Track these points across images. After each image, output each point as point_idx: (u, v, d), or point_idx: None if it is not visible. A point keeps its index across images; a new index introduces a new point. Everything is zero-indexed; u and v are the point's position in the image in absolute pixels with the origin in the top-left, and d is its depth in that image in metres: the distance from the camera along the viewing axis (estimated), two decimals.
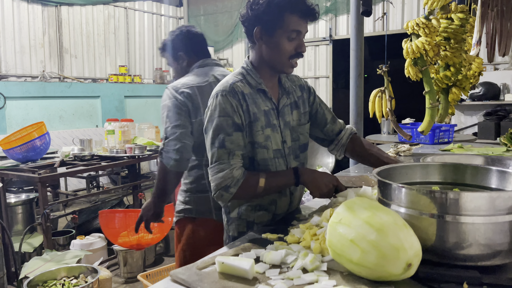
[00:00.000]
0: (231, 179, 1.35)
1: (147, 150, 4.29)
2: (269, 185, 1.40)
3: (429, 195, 0.97)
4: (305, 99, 1.61)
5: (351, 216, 0.97)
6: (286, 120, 1.53)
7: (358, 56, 3.21)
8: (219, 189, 1.36)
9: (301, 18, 1.39)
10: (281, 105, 1.52)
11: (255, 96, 1.45)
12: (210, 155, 1.40)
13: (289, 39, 1.39)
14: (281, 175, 1.45)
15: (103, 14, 6.74)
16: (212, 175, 1.38)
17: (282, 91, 1.54)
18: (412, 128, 3.41)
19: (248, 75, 1.47)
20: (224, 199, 1.38)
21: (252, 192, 1.41)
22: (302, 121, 1.59)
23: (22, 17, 5.69)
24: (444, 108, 3.18)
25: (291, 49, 1.40)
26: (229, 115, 1.38)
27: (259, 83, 1.47)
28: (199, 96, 1.87)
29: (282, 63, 1.43)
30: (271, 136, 1.46)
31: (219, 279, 0.99)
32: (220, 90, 1.42)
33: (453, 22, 2.88)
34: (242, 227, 1.52)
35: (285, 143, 1.51)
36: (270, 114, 1.48)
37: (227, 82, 1.44)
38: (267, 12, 1.37)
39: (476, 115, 5.24)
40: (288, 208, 1.57)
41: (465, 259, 0.95)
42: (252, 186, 1.39)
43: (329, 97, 6.63)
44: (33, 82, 5.63)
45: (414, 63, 2.81)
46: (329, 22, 6.50)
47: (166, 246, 4.06)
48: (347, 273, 0.99)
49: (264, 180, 1.39)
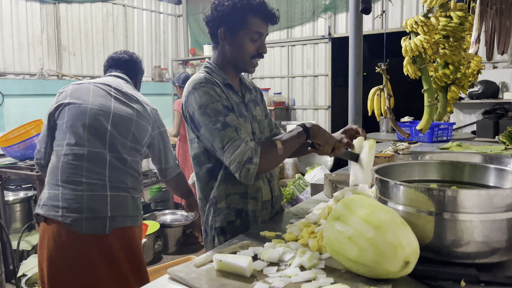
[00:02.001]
0: (250, 150, 1.35)
1: None
2: (287, 144, 1.43)
3: (427, 193, 0.97)
4: (259, 100, 1.73)
5: (349, 214, 0.97)
6: (253, 113, 1.61)
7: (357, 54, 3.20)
8: (243, 165, 1.34)
9: (263, 21, 1.50)
10: (247, 100, 1.62)
11: (225, 89, 1.51)
12: (218, 140, 1.38)
13: (252, 40, 1.49)
14: (292, 134, 1.47)
15: (102, 12, 6.72)
16: (229, 156, 1.36)
17: (244, 88, 1.65)
18: (410, 126, 3.41)
19: (213, 72, 1.54)
20: (250, 173, 1.35)
21: (274, 158, 1.41)
22: (264, 117, 1.70)
23: (20, 14, 5.67)
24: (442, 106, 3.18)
25: (253, 50, 1.51)
26: (217, 100, 1.42)
27: (225, 79, 1.54)
28: None
29: (245, 62, 1.53)
30: (244, 126, 1.51)
31: (216, 276, 0.99)
32: (197, 83, 1.44)
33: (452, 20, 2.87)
34: (232, 216, 1.52)
35: (254, 134, 1.57)
36: (241, 106, 1.55)
37: (198, 76, 1.48)
38: (232, 13, 1.46)
39: (474, 114, 5.24)
40: (271, 196, 1.61)
41: (463, 257, 0.95)
42: (271, 151, 1.40)
43: (328, 95, 6.63)
44: (31, 80, 5.61)
45: (413, 61, 2.81)
46: (328, 20, 6.49)
47: (165, 244, 4.06)
48: (345, 270, 0.99)
49: (280, 142, 1.42)
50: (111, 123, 1.88)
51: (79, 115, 1.86)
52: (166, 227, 4.01)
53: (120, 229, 1.82)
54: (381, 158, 2.14)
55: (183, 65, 7.86)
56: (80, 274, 1.76)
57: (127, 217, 1.85)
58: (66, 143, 1.83)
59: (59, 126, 1.89)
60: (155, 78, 7.48)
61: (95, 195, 1.78)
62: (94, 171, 1.81)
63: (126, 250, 1.85)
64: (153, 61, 7.72)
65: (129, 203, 1.87)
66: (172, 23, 8.11)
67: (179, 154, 4.37)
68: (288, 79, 7.00)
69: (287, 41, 6.91)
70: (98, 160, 1.83)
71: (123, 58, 2.17)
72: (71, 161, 1.80)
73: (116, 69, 2.14)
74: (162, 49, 7.90)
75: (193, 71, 7.75)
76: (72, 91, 1.93)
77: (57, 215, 1.75)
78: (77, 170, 1.79)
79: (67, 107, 1.88)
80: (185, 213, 4.32)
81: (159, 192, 5.56)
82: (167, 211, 4.40)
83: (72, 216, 1.74)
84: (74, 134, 1.83)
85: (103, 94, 1.94)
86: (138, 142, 1.94)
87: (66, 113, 1.87)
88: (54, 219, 1.76)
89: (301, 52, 6.85)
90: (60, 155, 1.83)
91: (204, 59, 7.74)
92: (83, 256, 1.76)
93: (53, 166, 1.84)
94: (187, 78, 4.41)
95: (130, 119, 1.93)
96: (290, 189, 4.02)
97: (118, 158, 1.87)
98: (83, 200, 1.76)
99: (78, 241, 1.76)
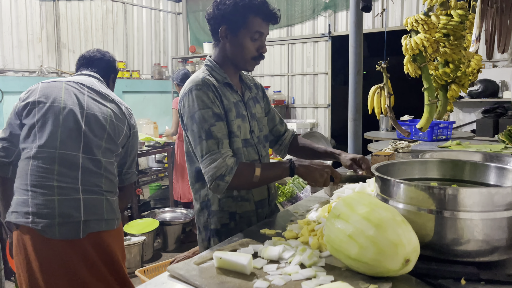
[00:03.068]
0: (225, 168, 1.37)
1: (145, 145, 4.28)
2: (265, 175, 1.44)
3: (428, 191, 0.97)
4: (260, 97, 1.73)
5: (349, 212, 0.97)
6: (252, 111, 1.62)
7: (357, 52, 3.20)
8: (215, 179, 1.37)
9: (264, 21, 1.50)
10: (246, 98, 1.62)
11: (223, 89, 1.52)
12: (199, 148, 1.41)
13: (252, 39, 1.50)
14: (276, 166, 1.49)
15: (101, 9, 6.70)
16: (205, 167, 1.40)
17: (244, 86, 1.65)
18: (410, 125, 3.41)
19: (213, 71, 1.55)
20: (220, 189, 1.39)
21: (247, 182, 1.42)
22: (264, 114, 1.71)
23: (20, 11, 5.65)
24: (442, 105, 3.18)
25: (253, 49, 1.51)
26: (208, 106, 1.43)
27: (225, 78, 1.54)
28: None
29: (245, 61, 1.53)
30: (241, 126, 1.53)
31: (217, 274, 0.99)
32: (193, 85, 1.46)
33: (453, 18, 2.87)
34: (225, 219, 1.53)
35: (253, 132, 1.58)
36: (239, 106, 1.55)
37: (197, 77, 1.49)
38: (233, 12, 1.47)
39: (474, 112, 5.24)
40: (268, 194, 1.61)
41: (463, 255, 0.95)
42: (248, 175, 1.41)
43: (328, 93, 6.62)
44: (31, 77, 5.60)
45: (413, 59, 2.81)
46: (328, 18, 6.48)
47: (164, 242, 4.06)
48: (345, 268, 0.99)
49: (260, 170, 1.42)
50: (86, 122, 1.78)
51: (51, 115, 1.75)
52: (166, 225, 4.01)
53: (95, 233, 1.73)
54: (381, 156, 2.14)
55: (183, 62, 7.85)
56: (61, 282, 1.68)
57: (102, 221, 1.75)
58: (37, 145, 1.71)
59: (27, 126, 1.75)
60: (155, 76, 7.47)
61: (66, 199, 1.68)
62: (66, 175, 1.70)
63: (103, 254, 1.76)
64: (153, 59, 7.70)
65: (104, 206, 1.76)
66: (172, 21, 8.09)
67: (178, 153, 4.37)
68: (288, 77, 6.99)
69: (287, 39, 6.90)
70: (70, 163, 1.72)
71: (96, 56, 2.07)
72: (41, 164, 1.69)
73: (87, 68, 2.04)
74: (162, 47, 7.89)
75: (193, 69, 7.74)
76: (42, 89, 1.81)
77: (28, 221, 1.64)
78: (48, 173, 1.68)
79: (37, 106, 1.76)
80: (185, 210, 4.33)
81: (159, 190, 5.56)
82: (166, 209, 4.39)
83: (43, 222, 1.64)
84: (45, 135, 1.72)
85: (76, 93, 1.83)
86: (114, 142, 1.86)
87: (36, 113, 1.75)
88: (26, 226, 1.65)
89: (301, 50, 6.84)
90: (29, 157, 1.71)
91: (203, 57, 7.73)
92: (61, 262, 1.67)
93: (22, 170, 1.72)
94: (186, 75, 4.40)
95: (105, 119, 1.84)
96: (290, 187, 4.02)
97: (92, 160, 1.77)
98: (54, 205, 1.66)
99: (53, 247, 1.66)
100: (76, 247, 1.69)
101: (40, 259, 1.66)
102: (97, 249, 1.75)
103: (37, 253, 1.66)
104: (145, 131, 4.76)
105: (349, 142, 3.32)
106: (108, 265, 1.79)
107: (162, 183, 6.15)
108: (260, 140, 1.63)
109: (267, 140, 1.69)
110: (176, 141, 4.35)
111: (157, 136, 4.92)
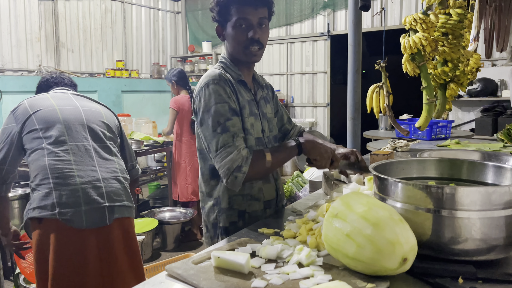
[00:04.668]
0: (241, 159, 1.36)
1: (144, 145, 4.28)
2: (276, 158, 1.43)
3: (425, 190, 0.97)
4: (270, 97, 1.72)
5: (347, 211, 0.97)
6: (263, 111, 1.61)
7: (356, 51, 3.20)
8: (232, 172, 1.36)
9: (246, 5, 1.45)
10: (258, 97, 1.61)
11: (238, 86, 1.51)
12: (214, 142, 1.39)
13: (240, 28, 1.47)
14: (284, 146, 1.47)
15: (100, 8, 6.69)
16: (220, 161, 1.38)
17: (256, 85, 1.64)
18: (409, 123, 3.41)
19: (228, 68, 1.54)
20: (238, 181, 1.37)
21: (262, 169, 1.41)
22: (274, 115, 1.71)
23: (18, 11, 5.64)
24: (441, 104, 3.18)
25: (244, 38, 1.47)
26: (225, 100, 1.42)
27: (239, 75, 1.53)
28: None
29: (242, 53, 1.50)
30: (254, 125, 1.52)
31: (214, 273, 0.99)
32: (210, 80, 1.45)
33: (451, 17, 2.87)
34: (234, 217, 1.52)
35: (264, 132, 1.58)
36: (252, 104, 1.55)
37: (214, 72, 1.48)
38: (218, 9, 1.49)
39: (473, 111, 5.25)
40: (276, 195, 1.61)
41: (461, 254, 0.95)
42: (260, 162, 1.40)
43: (327, 92, 6.62)
44: (30, 77, 5.59)
45: (412, 58, 2.81)
46: (327, 17, 6.47)
47: (163, 241, 4.06)
48: (342, 267, 0.99)
49: (270, 154, 1.42)
50: (85, 117, 1.91)
51: (50, 117, 1.84)
52: (165, 224, 4.01)
53: (120, 219, 1.82)
54: (379, 155, 2.14)
55: (181, 62, 7.85)
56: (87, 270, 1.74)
57: (123, 207, 1.84)
58: (46, 144, 1.79)
59: (28, 137, 1.83)
60: (154, 75, 7.47)
61: (89, 187, 1.75)
62: (83, 163, 1.79)
63: (128, 241, 1.85)
64: (152, 58, 7.70)
65: (123, 192, 1.86)
66: (171, 20, 8.09)
67: (176, 152, 4.36)
68: (287, 76, 6.99)
69: (286, 38, 6.89)
70: (84, 152, 1.81)
71: (65, 80, 2.19)
72: (57, 157, 1.76)
73: (57, 86, 2.14)
74: (160, 46, 7.88)
75: (192, 68, 7.73)
76: (30, 103, 1.90)
77: (54, 213, 1.69)
78: (66, 164, 1.76)
79: (33, 116, 1.84)
80: (184, 210, 4.33)
81: (158, 189, 5.56)
82: (165, 208, 4.40)
83: (70, 211, 1.70)
84: (52, 134, 1.80)
85: (64, 97, 1.98)
86: (112, 131, 2.01)
87: (34, 121, 1.83)
88: (51, 219, 1.69)
89: (300, 49, 6.84)
90: (44, 155, 1.77)
91: (202, 56, 7.73)
92: (87, 251, 1.73)
93: (38, 167, 1.77)
94: (182, 72, 4.38)
95: (99, 112, 2.00)
96: (289, 186, 4.02)
97: (102, 147, 1.89)
98: (78, 193, 1.72)
99: (80, 237, 1.72)
100: (102, 235, 1.77)
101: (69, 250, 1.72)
102: (124, 235, 1.84)
103: (66, 245, 1.71)
104: (144, 131, 4.76)
105: (348, 141, 3.32)
106: (129, 254, 1.86)
107: (161, 183, 6.15)
108: (270, 140, 1.62)
109: (276, 141, 1.68)
110: (174, 141, 4.35)
111: (156, 135, 4.92)
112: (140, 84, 7.00)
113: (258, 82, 1.66)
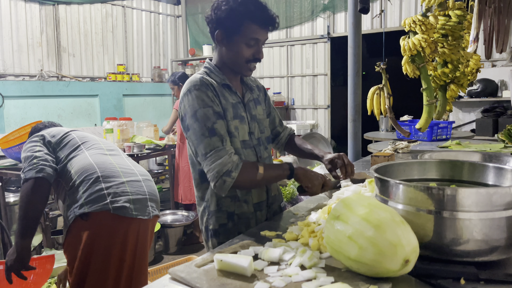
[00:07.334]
0: (231, 164, 1.37)
1: (146, 148, 4.29)
2: (267, 174, 1.45)
3: (427, 192, 0.97)
4: (262, 99, 1.72)
5: (348, 213, 0.97)
6: (253, 113, 1.61)
7: (356, 53, 3.21)
8: (221, 176, 1.36)
9: (261, 27, 1.46)
10: (246, 99, 1.60)
11: (221, 89, 1.51)
12: (202, 146, 1.40)
13: (248, 45, 1.47)
14: (277, 167, 1.51)
15: (101, 13, 6.71)
16: (210, 164, 1.38)
17: (245, 88, 1.64)
18: (410, 125, 3.41)
19: (212, 73, 1.54)
20: (226, 186, 1.38)
21: (252, 180, 1.42)
22: (265, 116, 1.71)
23: (20, 16, 5.67)
24: (441, 105, 3.19)
25: (248, 55, 1.48)
26: (208, 105, 1.43)
27: (223, 79, 1.53)
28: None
29: (240, 66, 1.51)
30: (238, 127, 1.52)
31: (217, 276, 0.99)
32: (191, 86, 1.45)
33: (451, 19, 2.88)
34: (223, 219, 1.53)
35: (252, 134, 1.58)
36: (238, 107, 1.54)
37: (195, 77, 1.48)
38: (228, 18, 1.44)
39: (474, 112, 5.25)
40: (267, 197, 1.61)
41: (462, 255, 0.96)
42: (252, 172, 1.41)
43: (327, 94, 6.63)
44: (31, 81, 5.61)
45: (412, 60, 2.82)
46: (327, 19, 6.49)
47: (165, 244, 4.07)
48: (345, 269, 1.00)
49: (263, 168, 1.43)
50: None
51: (74, 140, 2.06)
52: (167, 227, 4.01)
53: (154, 217, 1.99)
54: (380, 157, 2.15)
55: (182, 65, 7.86)
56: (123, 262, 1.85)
57: (157, 206, 2.02)
58: (85, 148, 2.01)
59: (65, 143, 2.02)
60: (155, 79, 7.48)
61: (132, 181, 1.93)
62: (120, 162, 2.00)
63: (151, 239, 2.03)
64: (153, 62, 7.72)
65: (156, 188, 2.06)
66: (171, 24, 8.11)
67: (179, 154, 4.37)
68: (288, 79, 7.00)
69: (286, 40, 6.91)
70: (116, 154, 2.06)
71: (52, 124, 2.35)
72: (99, 157, 1.96)
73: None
74: (161, 50, 7.90)
75: (193, 71, 7.74)
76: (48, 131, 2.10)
77: (106, 202, 1.81)
78: (108, 162, 1.95)
79: (68, 135, 2.08)
80: (186, 213, 4.33)
81: (160, 192, 5.56)
82: (167, 211, 4.40)
83: (121, 199, 1.84)
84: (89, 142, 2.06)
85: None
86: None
87: (72, 136, 2.07)
88: (101, 212, 1.79)
89: (300, 52, 6.85)
90: (86, 156, 1.95)
91: (203, 59, 7.75)
92: (128, 239, 1.85)
93: (85, 165, 1.90)
94: (184, 74, 4.41)
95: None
96: (290, 188, 4.02)
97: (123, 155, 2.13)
98: (125, 187, 1.88)
99: (125, 225, 1.85)
100: (143, 227, 1.90)
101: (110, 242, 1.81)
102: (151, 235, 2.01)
103: (110, 236, 1.81)
104: (145, 134, 4.77)
105: (349, 143, 3.32)
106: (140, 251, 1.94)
107: (163, 186, 6.16)
108: (261, 141, 1.62)
109: (269, 142, 1.69)
110: (177, 142, 4.36)
111: (157, 138, 4.93)
112: (141, 87, 7.01)
113: (247, 84, 1.65)
